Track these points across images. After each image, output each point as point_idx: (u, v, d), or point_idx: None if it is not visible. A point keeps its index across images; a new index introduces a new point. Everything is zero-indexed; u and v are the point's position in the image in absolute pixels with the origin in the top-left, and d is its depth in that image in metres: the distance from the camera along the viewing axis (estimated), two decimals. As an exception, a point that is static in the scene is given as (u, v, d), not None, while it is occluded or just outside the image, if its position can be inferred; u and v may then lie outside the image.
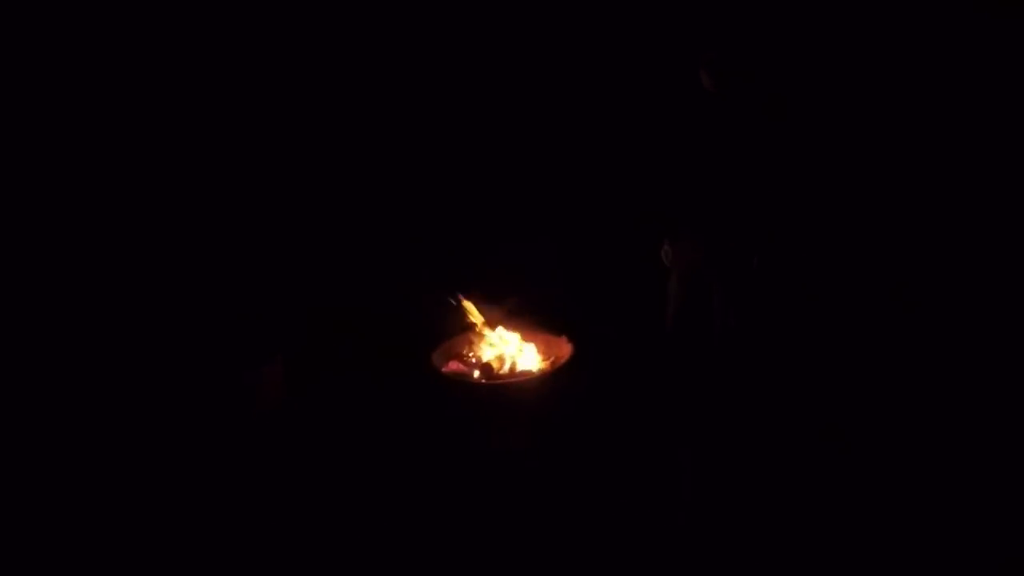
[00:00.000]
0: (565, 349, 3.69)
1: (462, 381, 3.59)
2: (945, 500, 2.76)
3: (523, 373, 3.63)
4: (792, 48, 3.69)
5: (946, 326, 3.58)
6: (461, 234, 4.54)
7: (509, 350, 3.76)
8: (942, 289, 3.61)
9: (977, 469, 2.88)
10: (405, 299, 4.24)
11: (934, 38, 3.46)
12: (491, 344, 3.81)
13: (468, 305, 3.83)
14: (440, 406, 3.60)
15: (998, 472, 2.86)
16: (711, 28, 3.42)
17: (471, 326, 3.87)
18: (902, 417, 3.25)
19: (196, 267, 4.16)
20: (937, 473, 2.89)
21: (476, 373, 3.65)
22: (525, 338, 3.85)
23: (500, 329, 3.83)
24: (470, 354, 3.84)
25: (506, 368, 3.67)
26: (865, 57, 3.70)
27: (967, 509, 2.70)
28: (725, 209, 3.32)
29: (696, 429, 3.41)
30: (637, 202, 3.85)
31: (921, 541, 2.59)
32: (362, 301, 4.42)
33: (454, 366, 3.80)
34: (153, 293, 4.00)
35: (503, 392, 3.51)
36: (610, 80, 4.24)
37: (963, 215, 3.58)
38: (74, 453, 3.35)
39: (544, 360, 3.73)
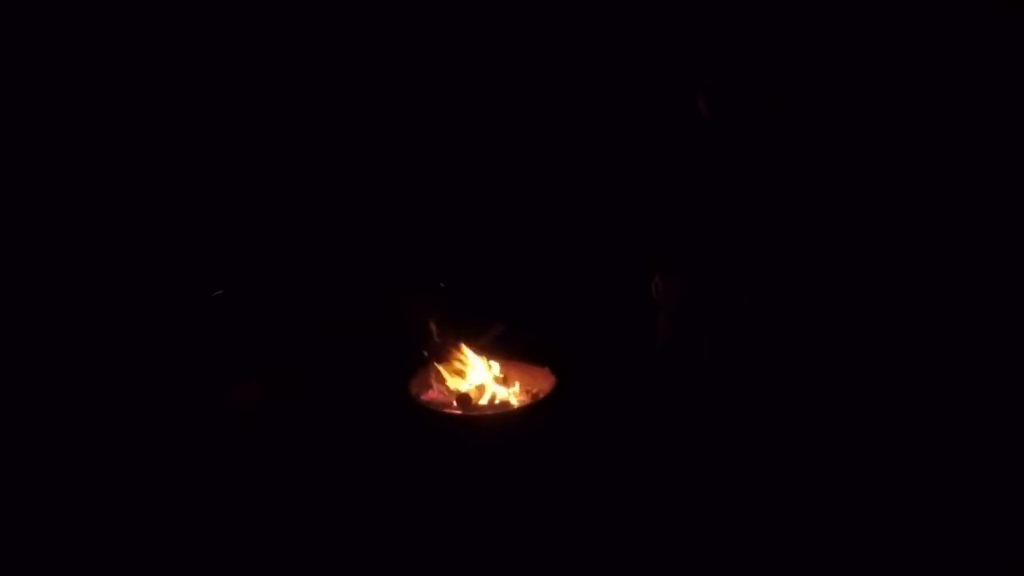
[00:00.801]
0: (547, 382, 3.55)
1: (438, 412, 3.44)
2: (945, 500, 2.76)
3: (502, 405, 3.48)
4: (790, 56, 3.56)
5: (946, 326, 3.52)
6: (444, 259, 4.39)
7: (489, 381, 3.62)
8: (942, 289, 3.54)
9: (977, 469, 2.88)
10: (384, 322, 4.12)
11: (934, 38, 3.39)
12: (471, 374, 3.67)
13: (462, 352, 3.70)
14: (416, 436, 3.47)
15: (998, 472, 2.86)
16: (704, 50, 3.30)
17: (452, 354, 3.74)
18: (902, 418, 3.20)
19: (163, 278, 4.02)
20: (937, 474, 2.90)
21: (453, 403, 3.50)
22: (506, 369, 3.71)
23: (481, 359, 3.70)
24: (449, 383, 3.70)
25: (485, 400, 3.53)
26: (863, 59, 3.60)
27: (967, 509, 2.70)
28: (717, 243, 3.17)
29: (682, 467, 3.25)
30: (628, 232, 3.72)
31: (921, 541, 2.60)
32: (341, 323, 4.28)
33: (432, 395, 3.67)
34: (114, 307, 3.87)
35: (480, 425, 3.37)
36: (601, 102, 4.12)
37: (963, 215, 3.50)
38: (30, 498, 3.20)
39: (525, 393, 3.59)
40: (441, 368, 3.66)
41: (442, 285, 3.79)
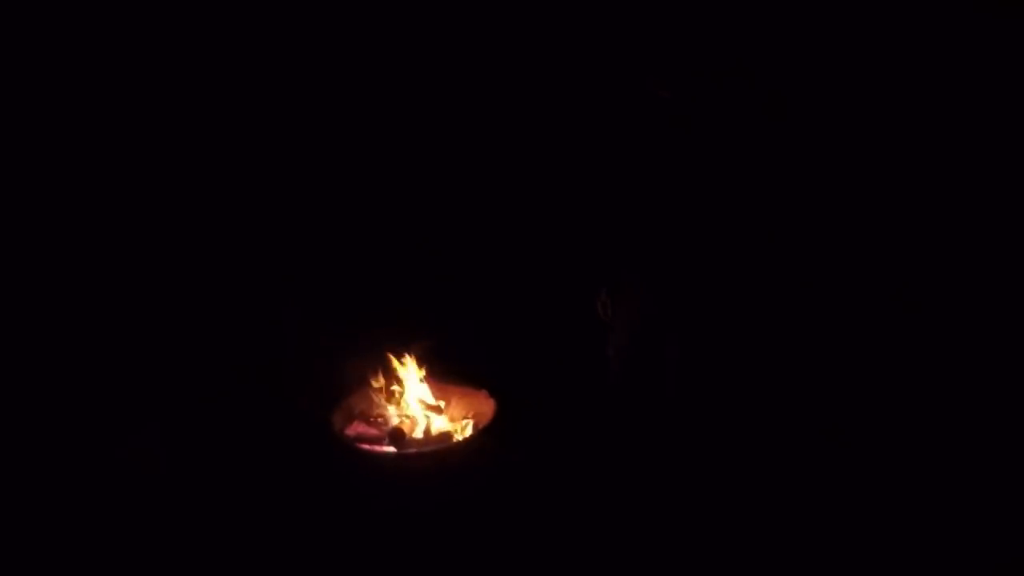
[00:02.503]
0: (486, 406, 3.22)
1: (366, 451, 3.06)
2: (945, 501, 2.75)
3: (439, 437, 3.13)
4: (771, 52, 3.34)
5: (946, 326, 3.45)
6: (363, 265, 3.94)
7: (422, 409, 3.25)
8: (942, 289, 3.47)
9: (977, 469, 2.87)
10: (300, 346, 3.68)
11: (934, 38, 3.26)
12: (401, 401, 3.30)
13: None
14: (343, 476, 3.08)
15: (998, 472, 2.84)
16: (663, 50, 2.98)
17: (379, 379, 3.35)
18: (903, 419, 3.16)
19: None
20: (938, 476, 2.88)
21: (384, 440, 3.12)
22: (440, 393, 3.35)
23: (411, 382, 3.32)
24: (376, 413, 3.31)
25: (419, 431, 3.16)
26: (860, 59, 3.43)
27: (967, 509, 2.69)
28: (681, 246, 2.83)
29: (646, 499, 2.99)
30: (572, 235, 3.39)
31: (921, 541, 2.58)
32: (252, 350, 3.79)
33: (359, 428, 3.27)
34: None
35: (416, 462, 3.00)
36: (539, 97, 3.74)
37: (963, 215, 3.43)
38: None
39: (463, 420, 3.24)
40: (377, 395, 3.28)
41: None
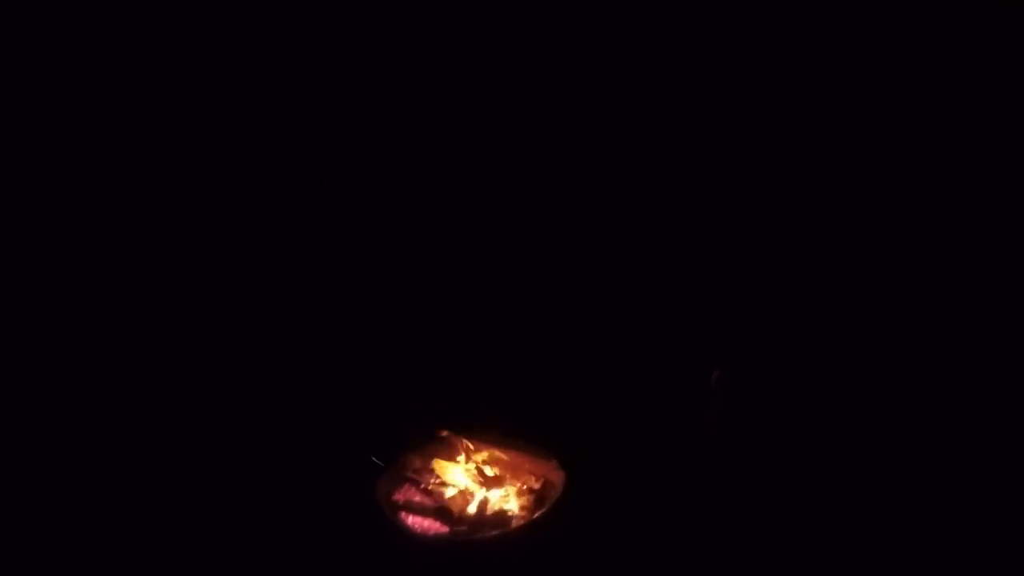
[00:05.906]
0: (554, 477, 2.70)
1: (409, 533, 2.58)
2: (945, 501, 2.68)
3: (498, 517, 2.62)
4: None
5: (946, 326, 3.19)
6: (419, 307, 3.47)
7: (476, 480, 2.76)
8: (942, 289, 3.23)
9: (977, 470, 2.77)
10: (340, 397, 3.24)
11: (934, 38, 3.06)
12: (459, 469, 2.82)
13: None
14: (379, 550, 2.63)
15: (998, 473, 2.75)
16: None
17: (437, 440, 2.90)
18: (903, 419, 2.98)
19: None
20: (938, 476, 2.77)
21: (433, 518, 2.63)
22: (500, 460, 2.85)
23: (463, 446, 2.85)
24: (430, 478, 2.84)
25: (472, 507, 2.66)
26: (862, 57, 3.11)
27: (967, 510, 2.63)
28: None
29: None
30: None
31: (921, 542, 2.54)
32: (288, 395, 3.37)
33: (408, 493, 2.81)
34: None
35: (469, 550, 2.51)
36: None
37: (963, 215, 3.20)
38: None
39: (526, 494, 2.72)
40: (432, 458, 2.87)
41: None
